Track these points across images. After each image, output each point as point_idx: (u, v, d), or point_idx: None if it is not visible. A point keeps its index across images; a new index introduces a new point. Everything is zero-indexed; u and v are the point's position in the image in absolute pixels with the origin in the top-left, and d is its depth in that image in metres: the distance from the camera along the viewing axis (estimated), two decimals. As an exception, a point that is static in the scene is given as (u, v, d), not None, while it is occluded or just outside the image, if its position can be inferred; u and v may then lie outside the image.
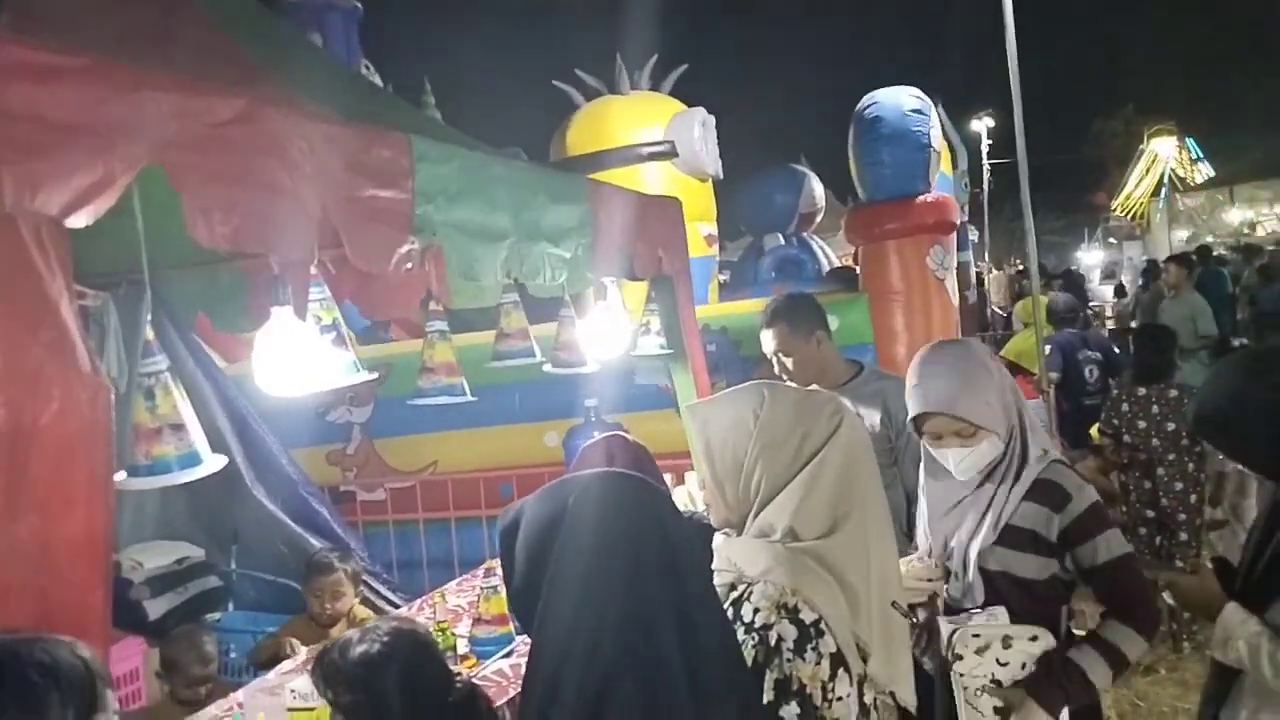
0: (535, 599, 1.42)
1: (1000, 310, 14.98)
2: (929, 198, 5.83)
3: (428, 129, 3.01)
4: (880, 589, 1.75)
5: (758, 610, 1.65)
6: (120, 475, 1.85)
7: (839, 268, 8.35)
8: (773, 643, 1.62)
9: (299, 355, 2.07)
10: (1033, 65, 6.32)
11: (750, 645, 1.62)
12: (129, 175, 1.55)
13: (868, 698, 1.71)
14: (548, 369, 3.37)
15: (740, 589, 1.72)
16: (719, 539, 1.84)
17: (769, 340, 3.25)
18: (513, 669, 2.86)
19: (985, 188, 20.73)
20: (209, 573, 4.67)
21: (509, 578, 1.51)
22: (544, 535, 1.44)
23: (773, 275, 8.05)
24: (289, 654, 3.38)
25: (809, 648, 1.62)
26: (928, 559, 2.33)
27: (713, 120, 6.91)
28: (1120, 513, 4.72)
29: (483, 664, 2.91)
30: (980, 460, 2.22)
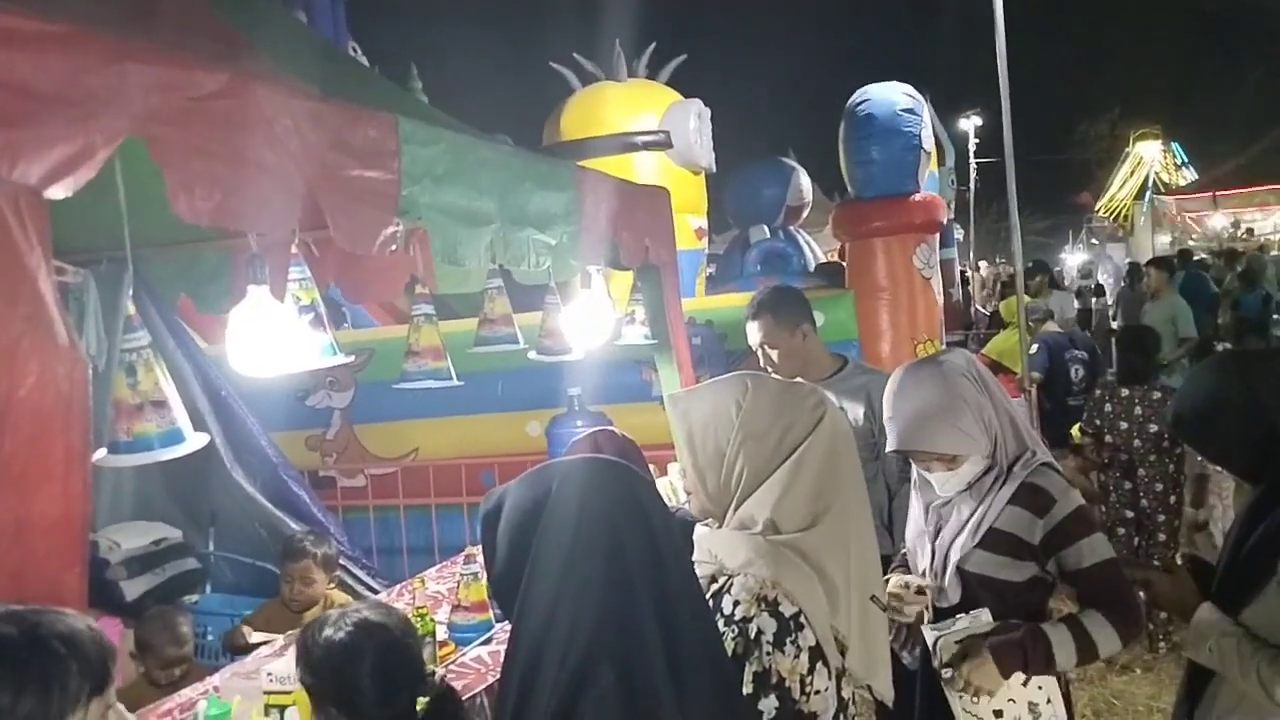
0: (516, 584, 1.41)
1: (983, 309, 15.05)
2: (918, 197, 5.84)
3: (415, 110, 2.99)
4: (860, 583, 1.75)
5: (738, 603, 1.65)
6: (100, 452, 1.83)
7: (826, 263, 8.36)
8: (752, 635, 1.62)
9: (273, 335, 2.04)
10: (1021, 65, 6.33)
11: (730, 638, 1.62)
12: (110, 147, 1.53)
13: (846, 691, 1.72)
14: (532, 356, 3.36)
15: (720, 581, 1.72)
16: (700, 530, 1.84)
17: (754, 333, 3.25)
18: (491, 656, 2.85)
19: (971, 186, 20.81)
20: (187, 554, 4.63)
21: (490, 563, 1.50)
22: (527, 520, 1.43)
23: (758, 269, 8.05)
24: (244, 643, 3.38)
25: (788, 641, 1.61)
26: (917, 577, 2.31)
27: (708, 112, 6.90)
28: (1099, 512, 4.74)
29: (461, 650, 2.90)
30: (963, 480, 2.23)
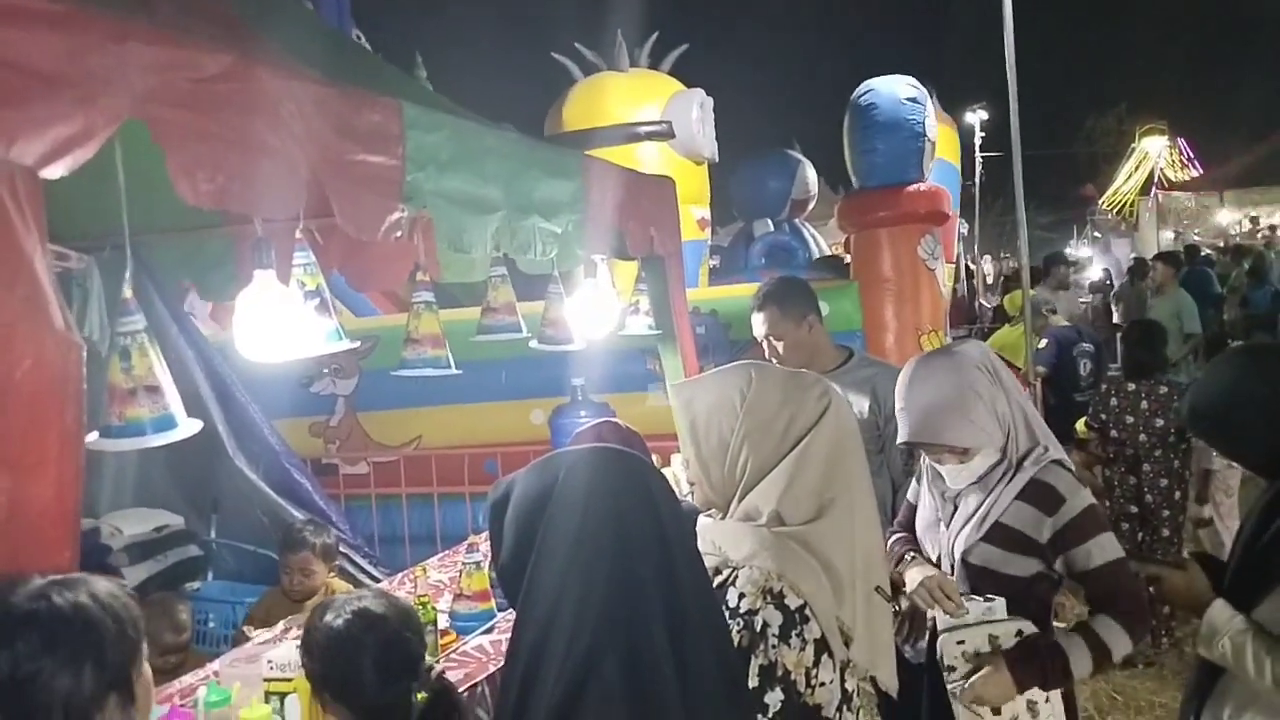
0: (522, 572, 1.40)
1: (985, 303, 15.01)
2: (922, 187, 5.81)
3: (419, 96, 2.96)
4: (865, 574, 1.74)
5: (743, 595, 1.64)
6: (93, 436, 1.81)
7: (827, 256, 8.33)
8: (758, 628, 1.60)
9: (280, 320, 2.02)
10: (1029, 59, 6.30)
11: (735, 630, 1.60)
12: (110, 128, 1.51)
13: (850, 684, 1.70)
14: (534, 345, 3.34)
15: (725, 573, 1.70)
16: (704, 522, 1.82)
17: (760, 323, 3.23)
18: (493, 645, 2.84)
19: (977, 180, 20.75)
20: (188, 541, 4.63)
21: (496, 551, 1.48)
22: (534, 508, 1.42)
23: (763, 261, 8.02)
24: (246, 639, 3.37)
25: (794, 634, 1.60)
26: (950, 577, 2.24)
27: (711, 102, 6.86)
28: (1103, 507, 4.72)
29: (463, 639, 2.89)
30: (974, 473, 2.21)
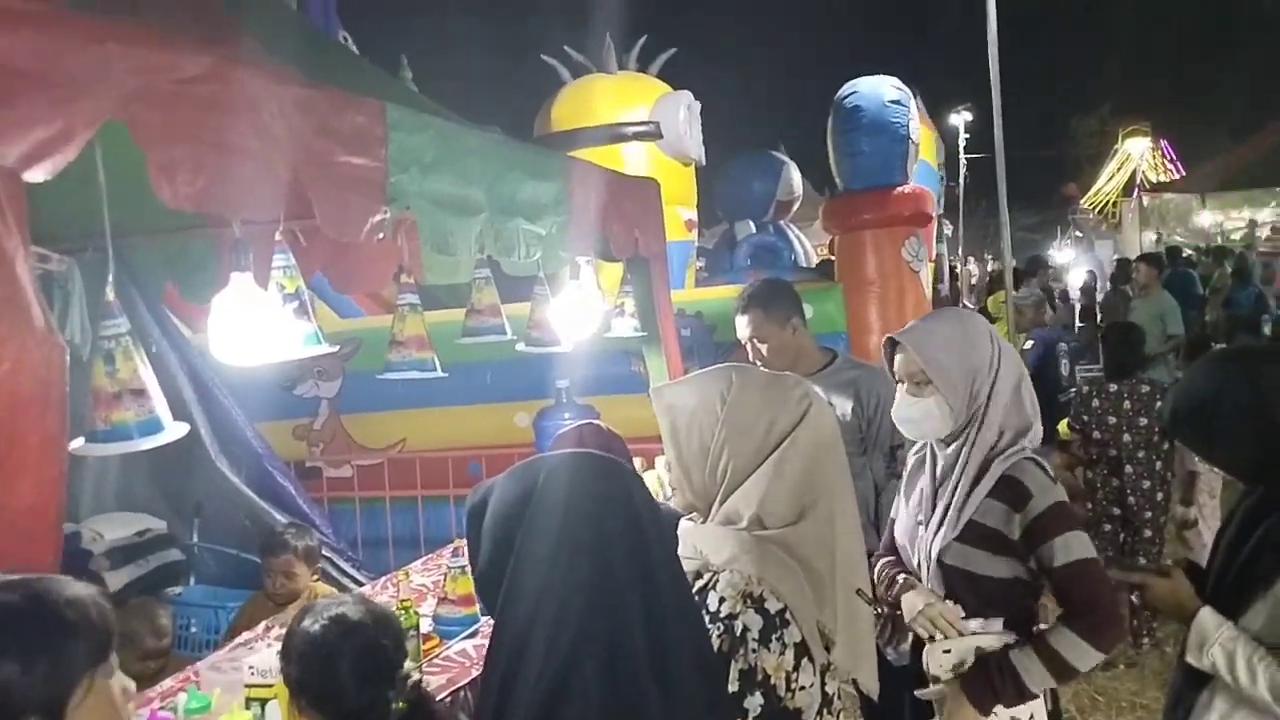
0: (501, 578, 1.39)
1: (970, 304, 15.09)
2: (906, 189, 5.84)
3: (403, 98, 2.96)
4: (845, 577, 1.74)
5: (723, 599, 1.64)
6: (78, 441, 1.80)
7: (818, 263, 8.36)
8: (738, 632, 1.61)
9: (256, 324, 2.01)
10: (1013, 61, 6.34)
11: (716, 634, 1.61)
12: (90, 130, 1.50)
13: (830, 687, 1.71)
14: (520, 348, 3.33)
15: (706, 577, 1.70)
16: (684, 525, 1.82)
17: (744, 325, 3.23)
18: (476, 650, 2.83)
19: (961, 182, 20.85)
20: (170, 545, 4.59)
21: (475, 557, 1.48)
22: (512, 514, 1.41)
23: (748, 263, 8.03)
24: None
25: (774, 638, 1.61)
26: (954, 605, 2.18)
27: (698, 105, 6.89)
28: (1085, 509, 4.75)
29: (446, 644, 2.88)
30: (923, 416, 2.17)
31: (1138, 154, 26.60)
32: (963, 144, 22.56)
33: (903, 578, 2.28)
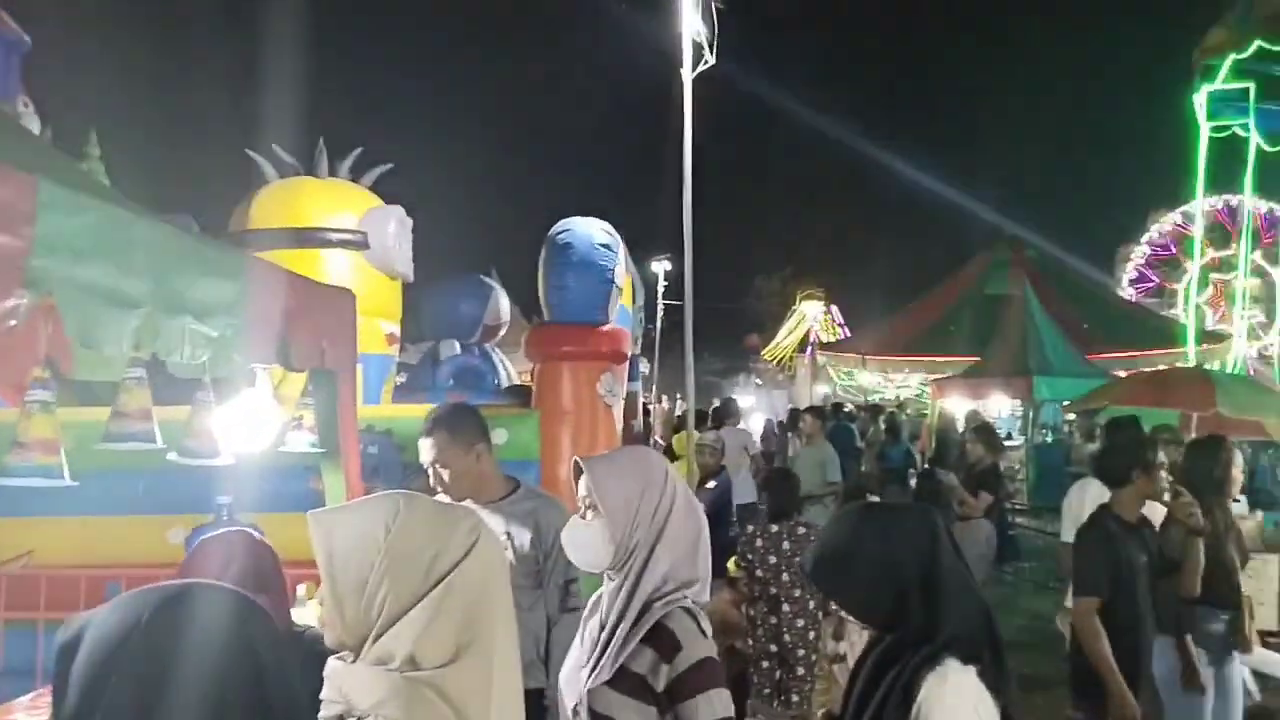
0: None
1: (661, 440, 15.81)
2: (606, 327, 6.08)
3: (68, 179, 2.68)
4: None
5: (364, 747, 1.52)
6: None
7: (515, 385, 8.43)
8: (378, 782, 1.48)
9: None
10: (709, 222, 6.89)
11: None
12: None
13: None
14: (172, 458, 3.02)
15: (347, 722, 1.57)
16: (332, 665, 1.68)
17: (428, 449, 3.16)
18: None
19: (658, 325, 22.16)
20: None
21: (59, 705, 1.25)
22: (107, 655, 1.22)
23: (450, 383, 7.96)
24: None
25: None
26: None
27: (410, 222, 6.85)
28: (747, 645, 4.98)
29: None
30: (585, 542, 2.19)
31: (811, 315, 29.85)
32: (661, 290, 24.08)
33: None
